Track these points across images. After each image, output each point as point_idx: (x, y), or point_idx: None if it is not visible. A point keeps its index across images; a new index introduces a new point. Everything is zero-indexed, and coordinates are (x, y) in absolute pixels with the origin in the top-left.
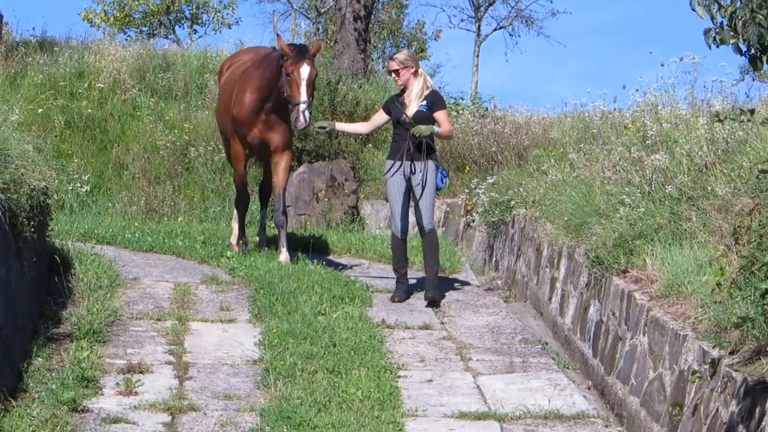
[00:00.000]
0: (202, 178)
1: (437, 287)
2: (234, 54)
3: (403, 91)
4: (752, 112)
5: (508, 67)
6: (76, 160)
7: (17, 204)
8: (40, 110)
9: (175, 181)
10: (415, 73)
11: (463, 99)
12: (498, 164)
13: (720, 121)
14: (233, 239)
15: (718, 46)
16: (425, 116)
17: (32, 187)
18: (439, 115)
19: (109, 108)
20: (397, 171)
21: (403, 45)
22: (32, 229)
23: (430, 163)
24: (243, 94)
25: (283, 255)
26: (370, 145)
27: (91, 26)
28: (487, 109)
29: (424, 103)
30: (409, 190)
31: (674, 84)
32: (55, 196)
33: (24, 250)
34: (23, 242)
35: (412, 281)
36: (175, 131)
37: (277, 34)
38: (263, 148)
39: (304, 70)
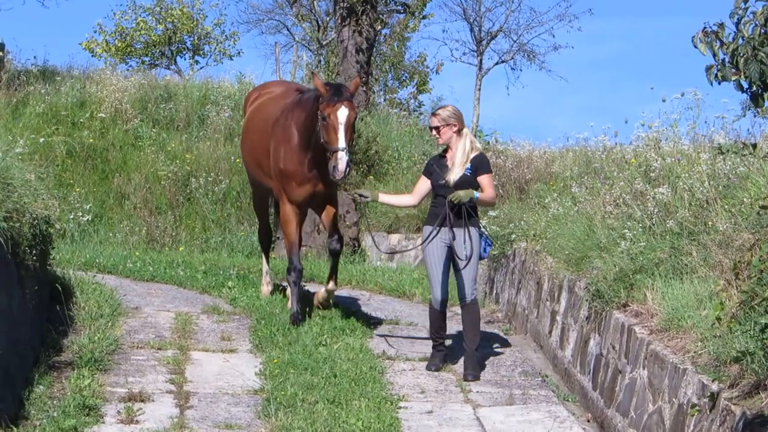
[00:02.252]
0: (203, 208)
1: (477, 365)
2: (262, 85)
3: (446, 150)
4: (754, 146)
5: (509, 100)
6: (77, 189)
7: (19, 233)
8: (42, 140)
9: (176, 211)
10: (459, 132)
11: None
12: (499, 198)
13: (722, 153)
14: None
15: (719, 83)
16: (468, 181)
17: (34, 216)
18: (483, 179)
19: (111, 138)
20: (435, 237)
21: (404, 78)
22: (34, 258)
23: (473, 231)
24: (286, 147)
25: (331, 285)
26: (372, 177)
27: (92, 56)
28: (488, 142)
29: (468, 166)
30: (449, 259)
31: (677, 119)
32: (57, 225)
33: (26, 279)
34: (25, 270)
35: (408, 312)
36: (177, 161)
37: (313, 73)
38: (311, 205)
39: (342, 113)
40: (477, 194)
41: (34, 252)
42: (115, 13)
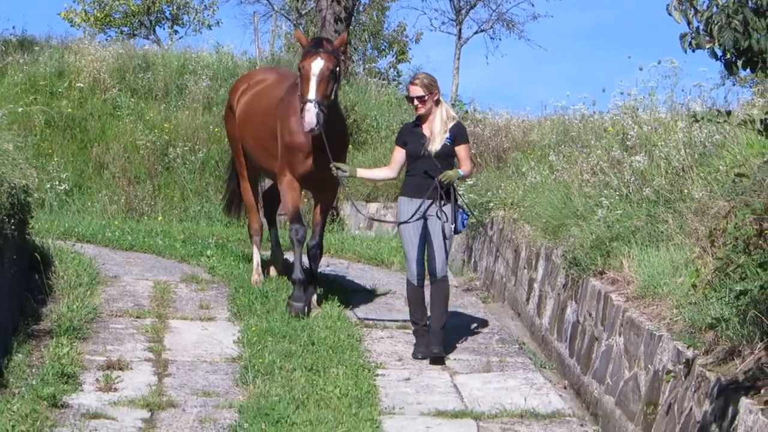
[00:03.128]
0: (182, 177)
1: (443, 342)
2: (248, 74)
3: (419, 119)
4: (729, 113)
5: (488, 69)
6: (56, 159)
7: None
8: (20, 109)
9: (155, 180)
10: (437, 102)
11: None
12: (477, 167)
13: (697, 121)
14: (256, 275)
15: (693, 51)
16: (448, 151)
17: (12, 185)
18: (461, 150)
19: (89, 108)
20: (419, 216)
21: (383, 47)
22: (12, 227)
23: (449, 204)
24: (291, 122)
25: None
26: (350, 146)
27: (71, 26)
28: (467, 111)
29: (448, 135)
30: (425, 232)
31: (654, 87)
32: (36, 195)
33: (4, 248)
34: (3, 240)
35: (386, 280)
36: (155, 131)
37: (295, 25)
38: (313, 183)
39: (316, 64)
40: (462, 172)
41: (12, 221)
42: None
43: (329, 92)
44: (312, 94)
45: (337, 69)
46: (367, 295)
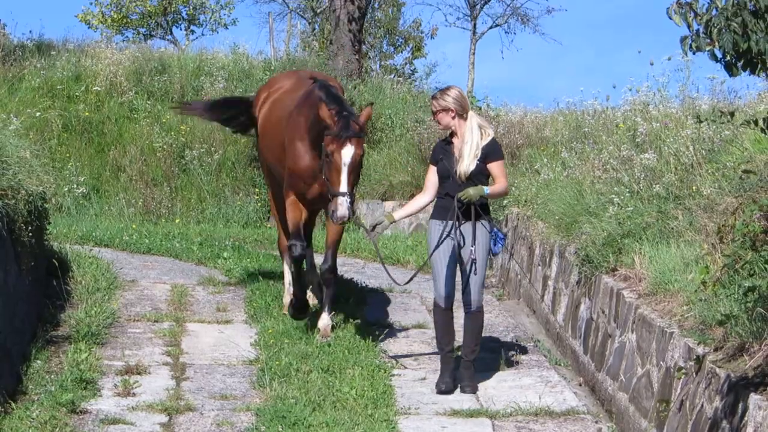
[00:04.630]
0: (199, 179)
1: (473, 376)
2: (271, 80)
3: (452, 134)
4: (732, 114)
5: (504, 64)
6: (73, 163)
7: (15, 209)
8: (38, 114)
9: (172, 182)
10: (462, 117)
11: None
12: None
13: (701, 122)
14: (287, 299)
15: (694, 53)
16: (479, 170)
17: (30, 192)
18: (494, 167)
19: (106, 111)
20: (443, 240)
21: (399, 43)
22: (30, 234)
23: (481, 229)
24: (296, 148)
25: (324, 320)
26: (365, 144)
27: (88, 28)
28: (481, 108)
29: (479, 154)
30: (457, 255)
31: (665, 83)
32: (53, 200)
33: (22, 255)
34: (21, 246)
35: (402, 275)
36: (172, 133)
37: (320, 99)
38: (324, 202)
39: (347, 152)
40: (487, 189)
41: (30, 228)
42: None
43: (357, 180)
44: (344, 187)
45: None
46: (382, 295)
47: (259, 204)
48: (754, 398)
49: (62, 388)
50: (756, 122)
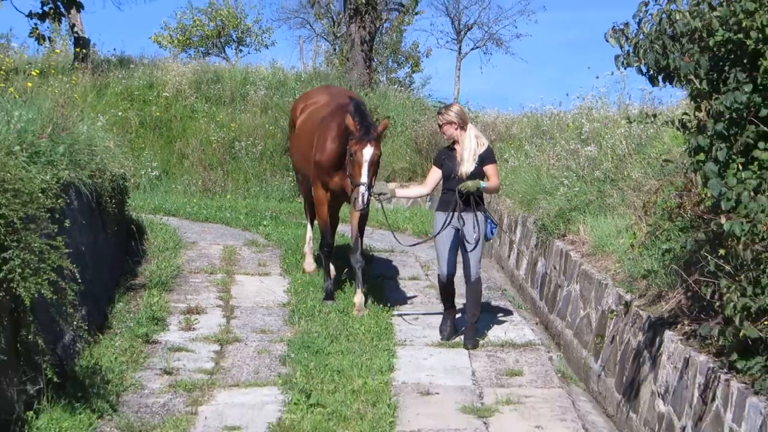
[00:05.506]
0: (245, 165)
1: (474, 336)
2: (306, 94)
3: (454, 142)
4: (655, 116)
5: (483, 77)
6: (147, 152)
7: (101, 187)
8: (119, 114)
9: (224, 167)
10: (462, 128)
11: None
12: None
13: (630, 122)
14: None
15: (626, 68)
16: (477, 171)
17: (113, 173)
18: (489, 169)
19: (173, 112)
20: (447, 224)
21: (401, 61)
22: (114, 206)
23: (480, 216)
24: (325, 142)
25: (358, 297)
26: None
27: (159, 47)
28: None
29: (477, 160)
30: (457, 241)
31: (606, 93)
32: (132, 180)
33: (108, 222)
34: (107, 216)
35: (402, 238)
36: (224, 129)
37: (349, 114)
38: (344, 194)
39: (367, 151)
40: (483, 184)
41: (114, 201)
42: (176, 13)
43: (376, 175)
44: (364, 178)
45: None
46: (386, 255)
47: (292, 184)
48: (668, 334)
49: (138, 324)
50: (674, 122)
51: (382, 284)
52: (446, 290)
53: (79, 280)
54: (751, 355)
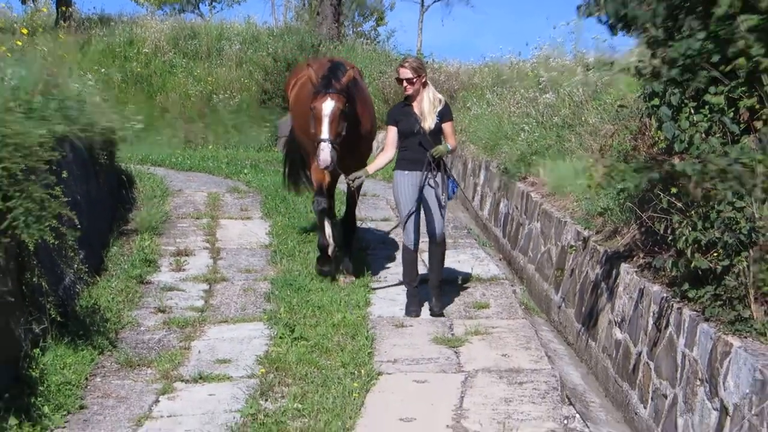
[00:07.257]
0: (224, 117)
1: (441, 299)
2: (297, 68)
3: (407, 98)
4: (612, 63)
5: (445, 29)
6: (131, 106)
7: (92, 140)
8: (103, 70)
9: (204, 119)
10: (425, 84)
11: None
12: None
13: (588, 70)
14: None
15: (587, 17)
16: (437, 128)
17: (103, 127)
18: (447, 126)
19: (153, 67)
20: (409, 183)
21: (367, 14)
22: (105, 157)
23: (441, 175)
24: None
25: (347, 264)
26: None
27: (137, 5)
28: (428, 62)
29: (437, 115)
30: (420, 201)
31: (562, 43)
32: (119, 133)
33: (100, 172)
34: (99, 166)
35: (373, 184)
36: (202, 83)
37: (308, 64)
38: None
39: (327, 105)
40: (450, 147)
41: (104, 153)
42: None
43: (341, 130)
44: (325, 133)
45: (347, 105)
46: (360, 198)
47: (269, 134)
48: (623, 266)
49: (132, 266)
50: (629, 69)
51: (357, 225)
52: (411, 259)
53: (78, 226)
54: (702, 285)
